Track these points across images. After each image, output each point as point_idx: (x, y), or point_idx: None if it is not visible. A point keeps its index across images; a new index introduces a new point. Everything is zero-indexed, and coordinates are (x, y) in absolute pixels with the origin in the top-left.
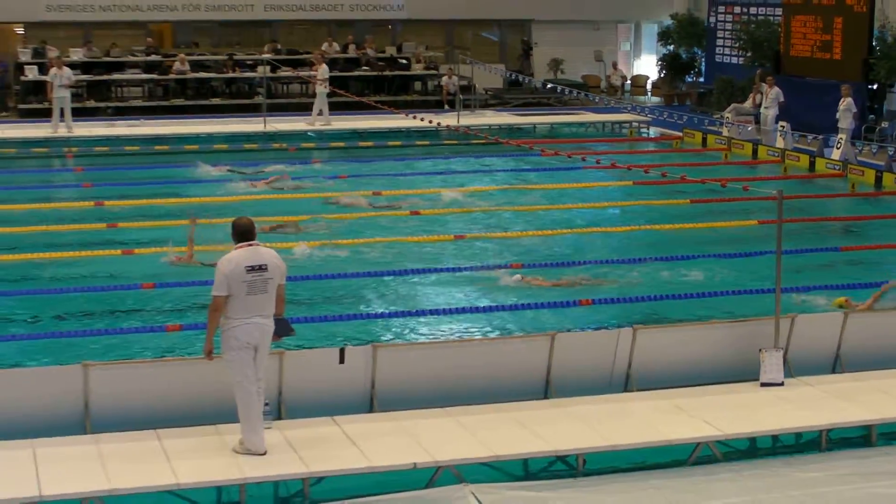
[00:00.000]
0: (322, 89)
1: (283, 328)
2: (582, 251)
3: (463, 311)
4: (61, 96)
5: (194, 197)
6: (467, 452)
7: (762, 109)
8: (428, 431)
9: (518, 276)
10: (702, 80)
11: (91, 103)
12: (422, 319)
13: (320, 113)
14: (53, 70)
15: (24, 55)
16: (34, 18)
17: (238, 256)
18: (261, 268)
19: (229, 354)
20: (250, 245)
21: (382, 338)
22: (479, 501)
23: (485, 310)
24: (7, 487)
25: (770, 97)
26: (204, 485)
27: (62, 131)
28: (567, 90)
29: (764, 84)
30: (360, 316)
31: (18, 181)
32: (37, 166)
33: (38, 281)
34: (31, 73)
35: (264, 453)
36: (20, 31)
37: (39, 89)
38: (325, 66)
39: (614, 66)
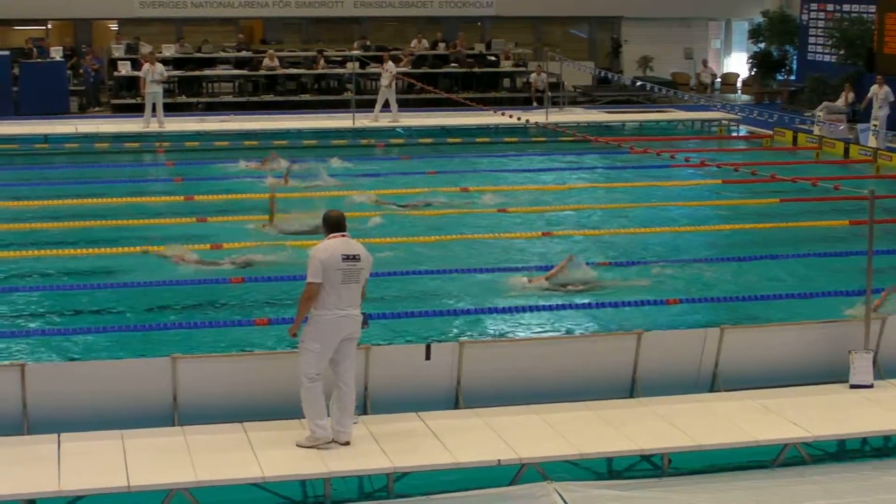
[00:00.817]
0: (387, 87)
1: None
2: (670, 249)
3: (545, 308)
4: (153, 92)
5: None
6: (552, 450)
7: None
8: (512, 428)
9: (525, 279)
10: (793, 77)
11: (182, 99)
12: (505, 316)
13: (388, 110)
14: (146, 66)
15: (118, 51)
16: (128, 15)
17: (333, 245)
18: (354, 258)
19: (312, 345)
20: (343, 236)
21: (466, 334)
22: (563, 499)
23: (568, 307)
24: (96, 477)
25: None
26: (289, 478)
27: (154, 126)
28: (656, 88)
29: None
30: (444, 312)
31: (111, 175)
32: (129, 161)
33: (130, 274)
34: (124, 69)
35: (331, 441)
36: (114, 27)
37: (132, 85)
38: (391, 64)
39: (704, 63)
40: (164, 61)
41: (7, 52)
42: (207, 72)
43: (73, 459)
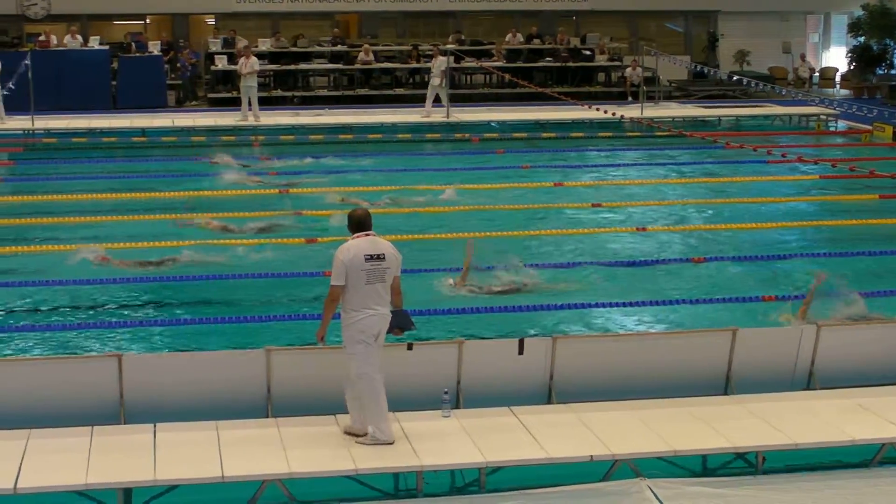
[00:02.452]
0: (437, 82)
1: (403, 321)
2: (765, 245)
3: (641, 304)
4: (248, 85)
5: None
6: (645, 446)
7: None
8: (605, 424)
9: (451, 281)
10: (893, 72)
11: (278, 92)
12: (597, 312)
13: (440, 104)
14: (242, 60)
15: (215, 45)
16: (225, 9)
17: (356, 245)
18: (379, 257)
19: (354, 348)
20: (367, 235)
21: (559, 329)
22: (655, 496)
23: (662, 303)
24: (191, 467)
25: None
26: (382, 471)
27: (250, 120)
28: (753, 82)
29: None
30: (540, 307)
31: (208, 169)
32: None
33: (225, 266)
34: (221, 63)
35: (392, 442)
36: (211, 21)
37: (228, 79)
38: (441, 59)
39: (802, 57)
40: (260, 55)
41: (106, 47)
42: (303, 66)
43: (168, 449)
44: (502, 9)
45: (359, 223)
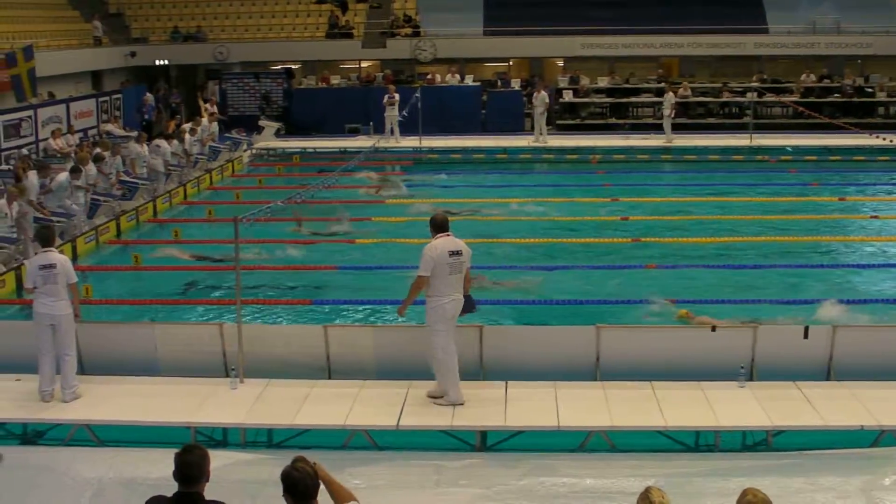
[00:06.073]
0: (538, 113)
1: (468, 304)
2: None
3: None
4: (539, 113)
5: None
6: None
7: None
8: (876, 400)
9: None
10: None
11: (612, 120)
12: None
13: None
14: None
15: (563, 82)
16: (571, 54)
17: (441, 244)
18: (458, 253)
19: (440, 325)
20: (447, 235)
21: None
22: None
23: None
24: (533, 417)
25: None
26: (686, 428)
27: (539, 141)
28: None
29: None
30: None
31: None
32: (568, 169)
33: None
34: (567, 97)
35: (462, 404)
36: (560, 63)
37: (573, 109)
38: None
39: None
40: (598, 90)
41: (478, 83)
42: (633, 99)
43: (516, 402)
44: (798, 53)
45: (441, 225)
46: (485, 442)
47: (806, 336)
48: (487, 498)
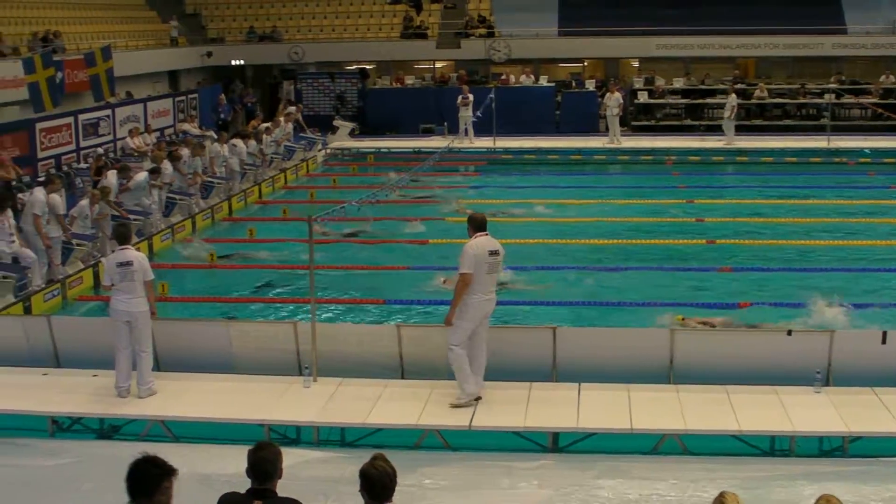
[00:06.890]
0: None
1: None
2: None
3: None
4: (613, 115)
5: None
6: None
7: None
8: None
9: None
10: None
11: (688, 121)
12: None
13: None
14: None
15: (638, 83)
16: (646, 54)
17: (481, 243)
18: (496, 252)
19: (464, 323)
20: (486, 234)
21: None
22: None
23: None
24: (606, 419)
25: None
26: (762, 433)
27: (614, 143)
28: None
29: None
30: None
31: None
32: (642, 170)
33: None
34: (642, 98)
35: (479, 398)
36: (635, 64)
37: (648, 110)
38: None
39: None
40: (674, 92)
41: (552, 84)
42: (709, 100)
43: (589, 404)
44: (877, 54)
45: (480, 225)
46: (557, 443)
47: (884, 342)
48: (558, 499)
